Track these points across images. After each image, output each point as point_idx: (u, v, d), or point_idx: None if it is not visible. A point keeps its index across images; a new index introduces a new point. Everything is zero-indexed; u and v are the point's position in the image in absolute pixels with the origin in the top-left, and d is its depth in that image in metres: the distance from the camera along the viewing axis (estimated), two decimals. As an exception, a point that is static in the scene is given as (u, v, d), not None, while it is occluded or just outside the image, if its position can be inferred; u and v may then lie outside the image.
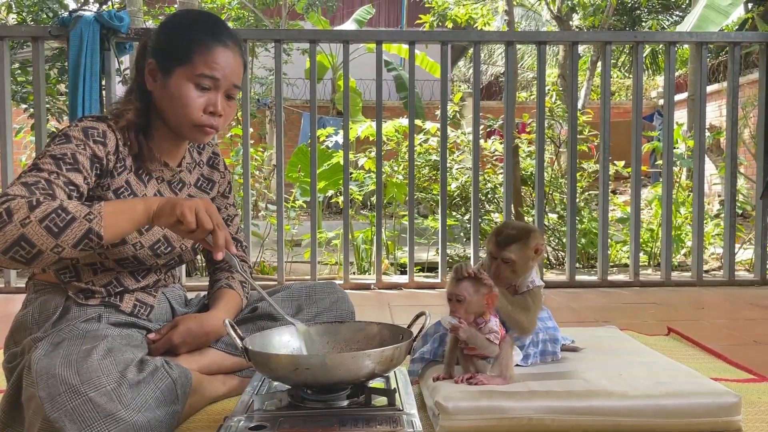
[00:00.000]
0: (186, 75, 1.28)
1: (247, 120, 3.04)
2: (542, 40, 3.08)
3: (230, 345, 1.41)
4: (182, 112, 1.29)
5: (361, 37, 3.49)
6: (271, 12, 11.30)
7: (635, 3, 12.74)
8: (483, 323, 1.28)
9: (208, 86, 1.29)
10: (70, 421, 1.04)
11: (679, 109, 9.00)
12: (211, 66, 1.28)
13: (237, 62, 1.33)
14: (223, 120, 1.33)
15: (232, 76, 1.31)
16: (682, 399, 1.21)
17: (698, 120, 3.06)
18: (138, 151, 1.33)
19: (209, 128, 1.32)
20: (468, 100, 7.89)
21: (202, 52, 1.28)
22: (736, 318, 2.35)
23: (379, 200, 3.08)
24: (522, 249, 1.36)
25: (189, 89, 1.29)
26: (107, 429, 1.05)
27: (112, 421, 1.05)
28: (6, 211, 1.07)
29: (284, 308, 1.50)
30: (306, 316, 1.51)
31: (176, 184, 1.41)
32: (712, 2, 6.14)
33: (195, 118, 1.29)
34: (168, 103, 1.30)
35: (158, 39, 1.34)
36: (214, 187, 1.51)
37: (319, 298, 1.56)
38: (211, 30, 1.31)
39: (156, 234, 1.33)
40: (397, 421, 1.09)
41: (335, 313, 1.56)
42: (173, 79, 1.29)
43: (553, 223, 4.06)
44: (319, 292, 1.58)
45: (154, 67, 1.31)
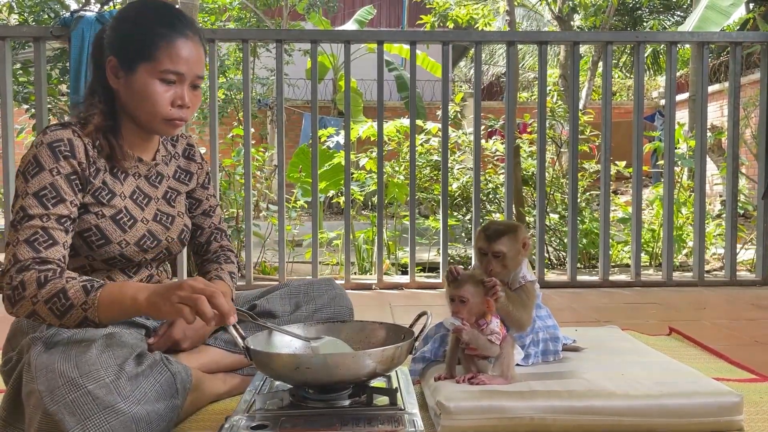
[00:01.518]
0: (150, 71, 1.27)
1: (249, 120, 3.04)
2: (543, 41, 3.08)
3: (229, 342, 1.41)
4: (151, 109, 1.28)
5: (363, 37, 3.49)
6: (272, 13, 11.31)
7: (636, 3, 12.74)
8: (485, 324, 1.28)
9: (174, 80, 1.28)
10: (69, 413, 1.05)
11: (681, 109, 9.00)
12: (175, 60, 1.27)
13: (199, 52, 1.32)
14: (191, 111, 1.33)
15: (195, 68, 1.31)
16: (684, 399, 1.21)
17: (699, 120, 3.06)
18: (110, 152, 1.32)
19: (179, 121, 1.32)
20: (469, 100, 7.90)
21: (164, 47, 1.27)
22: (737, 318, 2.34)
23: (380, 200, 3.08)
24: (512, 242, 1.38)
25: (155, 85, 1.27)
26: (106, 421, 1.05)
27: (111, 412, 1.06)
28: (21, 284, 1.15)
29: (282, 305, 1.51)
30: (304, 313, 1.51)
31: (154, 177, 1.41)
32: (713, 3, 6.14)
33: (164, 113, 1.29)
34: (135, 101, 1.29)
35: (116, 35, 1.31)
36: (192, 178, 1.50)
37: (317, 295, 1.56)
38: (171, 22, 1.29)
39: (140, 230, 1.33)
40: (398, 420, 1.09)
41: (333, 309, 1.56)
42: (137, 76, 1.28)
43: (555, 224, 4.06)
44: (317, 289, 1.58)
45: (116, 64, 1.30)
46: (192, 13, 4.12)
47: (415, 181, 3.15)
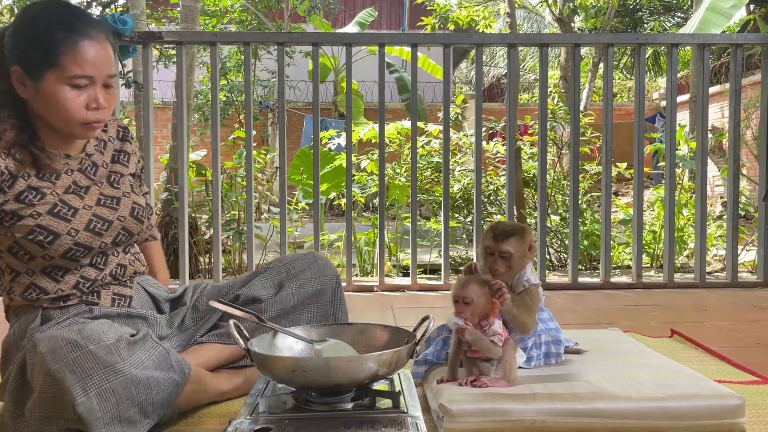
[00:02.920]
0: (58, 78, 1.23)
1: (250, 122, 3.05)
2: (544, 43, 3.09)
3: (223, 335, 1.41)
4: (65, 116, 1.26)
5: (364, 39, 3.50)
6: (274, 15, 11.32)
7: (637, 5, 12.74)
8: (487, 325, 1.28)
9: (84, 84, 1.25)
10: (70, 371, 1.07)
11: (682, 110, 9.00)
12: (82, 65, 1.24)
13: (106, 52, 1.28)
14: (108, 110, 1.31)
15: (105, 68, 1.27)
16: (686, 401, 1.21)
17: (700, 121, 3.06)
18: (33, 161, 1.29)
19: (96, 123, 1.29)
20: (470, 102, 7.90)
21: (69, 53, 1.23)
22: (739, 320, 2.34)
23: (381, 202, 3.08)
24: (519, 243, 1.39)
25: (65, 92, 1.24)
26: (107, 379, 1.08)
27: (111, 372, 1.09)
28: None
29: (265, 289, 1.49)
30: (289, 291, 1.50)
31: (89, 169, 1.38)
32: (714, 4, 6.14)
33: (80, 118, 1.26)
34: (47, 109, 1.26)
35: (17, 43, 1.26)
36: (130, 158, 1.48)
37: (299, 272, 1.52)
38: (72, 25, 1.25)
39: (84, 216, 1.31)
40: (401, 423, 1.09)
41: (318, 282, 1.53)
42: (46, 85, 1.24)
43: (556, 225, 4.06)
44: (299, 266, 1.54)
45: (21, 73, 1.25)
46: (193, 15, 4.13)
47: (417, 182, 3.16)
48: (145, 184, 1.58)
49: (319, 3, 10.36)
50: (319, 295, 1.53)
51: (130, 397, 1.11)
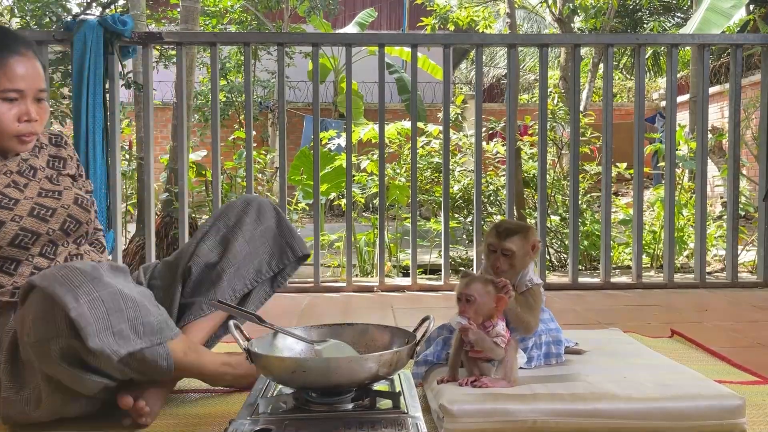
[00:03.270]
0: None
1: (250, 123, 3.05)
2: (544, 43, 3.09)
3: (197, 310, 1.44)
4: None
5: (364, 40, 3.50)
6: (274, 16, 11.32)
7: (637, 5, 12.75)
8: (491, 326, 1.28)
9: (15, 98, 1.31)
10: (59, 284, 1.12)
11: (681, 110, 9.00)
12: (12, 79, 1.30)
13: (35, 68, 1.34)
14: (40, 123, 1.36)
15: (35, 83, 1.33)
16: (687, 402, 1.21)
17: (700, 122, 3.06)
18: None
19: (28, 135, 1.34)
20: (470, 102, 7.90)
21: (1, 68, 1.29)
22: (739, 320, 2.34)
23: (381, 203, 3.08)
24: (522, 241, 1.40)
25: None
26: (95, 289, 1.13)
27: (99, 283, 1.14)
28: None
29: (213, 250, 1.48)
30: (237, 244, 1.48)
31: (27, 171, 1.42)
32: (714, 4, 6.14)
33: (12, 130, 1.32)
34: None
35: None
36: (66, 164, 1.51)
37: (239, 221, 1.51)
38: (2, 42, 1.31)
39: (26, 205, 1.34)
40: (402, 424, 1.09)
41: (260, 222, 1.51)
42: None
43: (556, 225, 4.06)
44: (235, 215, 1.51)
45: None
46: (193, 16, 4.13)
47: (417, 183, 3.16)
48: (89, 184, 1.60)
49: (318, 3, 10.35)
50: (267, 234, 1.52)
51: (119, 309, 1.15)
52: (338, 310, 2.65)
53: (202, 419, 1.30)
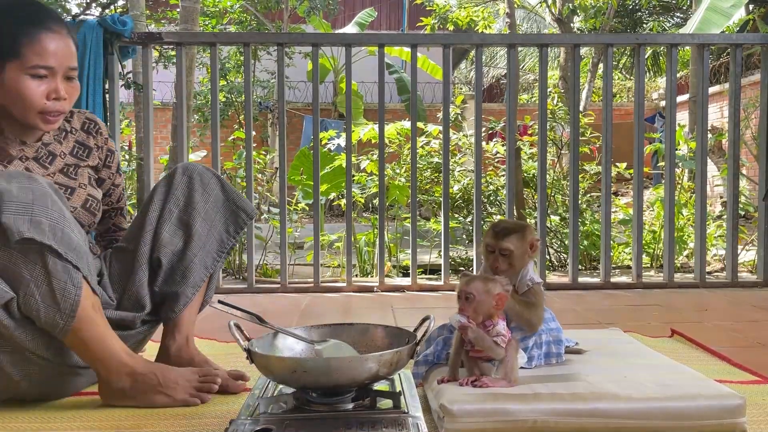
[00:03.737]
0: (19, 68, 1.28)
1: (250, 123, 3.05)
2: (544, 43, 3.09)
3: (186, 295, 1.45)
4: (25, 105, 1.29)
5: (363, 40, 3.50)
6: (273, 16, 11.32)
7: (636, 5, 12.75)
8: (491, 326, 1.28)
9: (45, 74, 1.29)
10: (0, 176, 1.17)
11: (681, 110, 9.00)
12: (42, 56, 1.28)
13: (68, 45, 1.32)
14: (68, 102, 1.34)
15: (66, 60, 1.31)
16: (687, 401, 1.21)
17: (700, 121, 3.06)
18: None
19: (55, 114, 1.33)
20: (470, 102, 7.90)
21: (30, 44, 1.27)
22: (739, 320, 2.34)
23: (381, 203, 3.08)
24: (520, 240, 1.40)
25: (26, 81, 1.28)
26: (29, 183, 1.16)
27: (34, 181, 1.18)
28: None
29: (175, 235, 1.46)
30: (197, 225, 1.47)
31: (45, 158, 1.41)
32: (713, 4, 6.14)
33: (39, 107, 1.30)
34: (7, 98, 1.31)
35: None
36: (90, 154, 1.49)
37: (189, 199, 1.48)
38: (34, 17, 1.30)
39: None
40: (402, 424, 1.09)
41: (210, 197, 1.50)
42: (7, 75, 1.29)
43: (556, 225, 4.06)
44: (182, 191, 1.49)
45: None
46: (193, 16, 4.13)
47: (416, 183, 3.16)
48: (120, 176, 1.60)
49: (318, 4, 10.36)
50: (218, 204, 1.52)
51: (45, 206, 1.15)
52: (338, 310, 2.65)
53: (202, 419, 1.30)
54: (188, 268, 1.46)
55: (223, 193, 1.53)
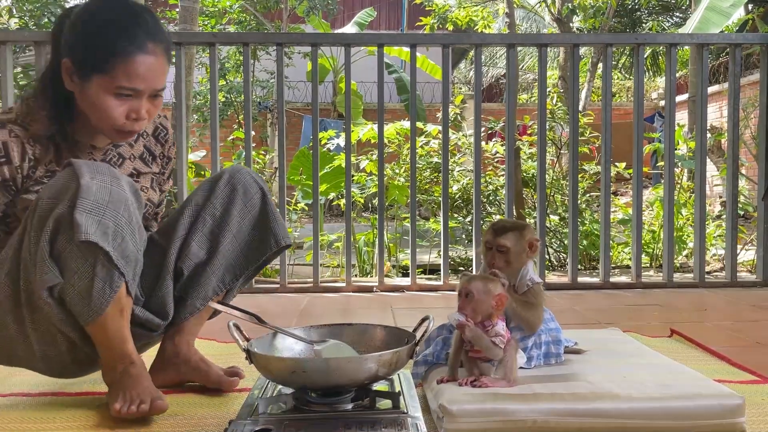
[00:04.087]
0: (104, 85, 1.23)
1: (249, 123, 3.04)
2: (543, 43, 3.09)
3: (194, 305, 1.44)
4: (102, 118, 1.26)
5: (363, 40, 3.50)
6: (272, 16, 11.32)
7: (636, 5, 12.76)
8: (490, 326, 1.28)
9: (129, 95, 1.25)
10: (86, 166, 1.19)
11: (680, 110, 9.00)
12: (132, 78, 1.23)
13: (160, 65, 1.26)
14: (147, 121, 1.30)
15: (154, 83, 1.26)
16: (687, 401, 1.21)
17: (699, 121, 3.06)
18: (55, 152, 1.30)
19: (131, 132, 1.30)
20: (469, 102, 7.90)
21: (122, 64, 1.22)
22: (738, 319, 2.35)
23: (380, 203, 3.08)
24: (517, 239, 1.41)
25: (108, 98, 1.24)
26: (110, 182, 1.18)
27: (116, 181, 1.20)
28: None
29: (202, 247, 1.43)
30: (225, 241, 1.43)
31: (115, 160, 1.39)
32: (713, 4, 6.15)
33: (117, 125, 1.27)
34: (87, 108, 1.27)
35: (73, 39, 1.26)
36: (154, 161, 1.47)
37: (225, 213, 1.43)
38: (131, 33, 1.23)
39: None
40: (401, 424, 1.09)
41: (246, 212, 1.45)
42: (91, 86, 1.24)
43: (555, 225, 4.06)
44: (221, 204, 1.43)
45: (70, 67, 1.25)
46: (192, 16, 4.13)
47: (416, 183, 3.15)
48: (168, 182, 1.57)
49: (317, 3, 10.36)
50: (252, 221, 1.46)
51: (116, 210, 1.17)
52: (338, 310, 2.65)
53: (201, 419, 1.30)
54: (203, 281, 1.44)
55: (261, 212, 1.46)
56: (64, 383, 1.51)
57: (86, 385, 1.49)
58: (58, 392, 1.45)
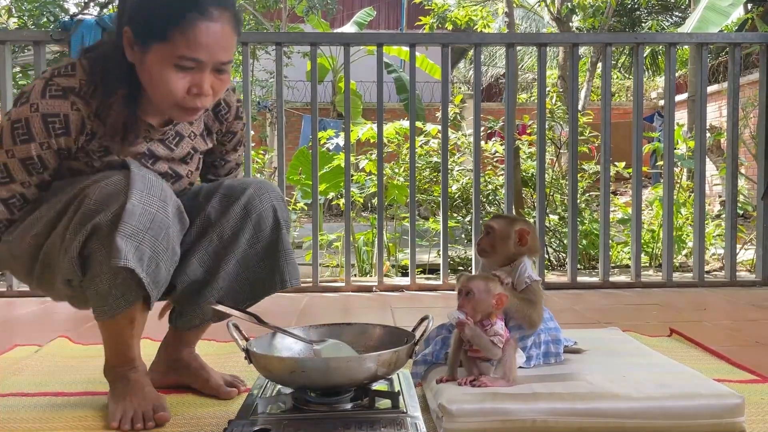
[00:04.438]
0: (164, 55, 1.13)
1: (248, 123, 3.04)
2: (543, 42, 3.09)
3: (190, 319, 1.42)
4: (162, 93, 1.17)
5: (362, 39, 3.49)
6: (272, 15, 11.32)
7: (635, 4, 12.76)
8: (489, 325, 1.28)
9: (192, 66, 1.14)
10: (140, 180, 1.16)
11: (680, 109, 9.01)
12: (193, 47, 1.12)
13: (226, 35, 1.15)
14: (212, 98, 1.20)
15: (219, 54, 1.15)
16: (686, 401, 1.21)
17: (699, 121, 3.06)
18: (123, 133, 1.24)
19: (194, 110, 1.20)
20: (468, 101, 7.91)
21: (182, 30, 1.11)
22: (738, 319, 2.35)
23: (380, 202, 3.08)
24: (505, 225, 1.43)
25: (168, 70, 1.14)
26: (156, 207, 1.17)
27: (163, 206, 1.19)
28: None
29: (202, 264, 1.34)
30: (228, 267, 1.33)
31: (171, 139, 1.33)
32: (712, 3, 6.15)
33: (177, 101, 1.17)
34: (147, 81, 1.18)
35: (135, 5, 1.17)
36: (210, 136, 1.40)
37: (233, 238, 1.33)
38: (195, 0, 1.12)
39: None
40: (401, 423, 1.09)
41: (258, 246, 1.34)
42: (151, 56, 1.15)
43: (554, 225, 4.06)
44: (230, 231, 1.33)
45: (131, 36, 1.16)
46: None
47: (415, 182, 3.15)
48: (240, 156, 1.52)
49: (317, 3, 10.36)
50: (260, 254, 1.35)
51: (156, 237, 1.17)
52: (337, 310, 2.65)
53: (201, 419, 1.30)
54: (201, 301, 1.36)
55: (270, 246, 1.35)
56: (64, 383, 1.51)
57: (86, 385, 1.48)
58: (58, 392, 1.45)
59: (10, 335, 2.13)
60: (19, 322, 2.36)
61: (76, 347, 1.86)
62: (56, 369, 1.64)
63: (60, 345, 1.85)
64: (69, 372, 1.61)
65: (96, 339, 1.42)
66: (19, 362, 1.68)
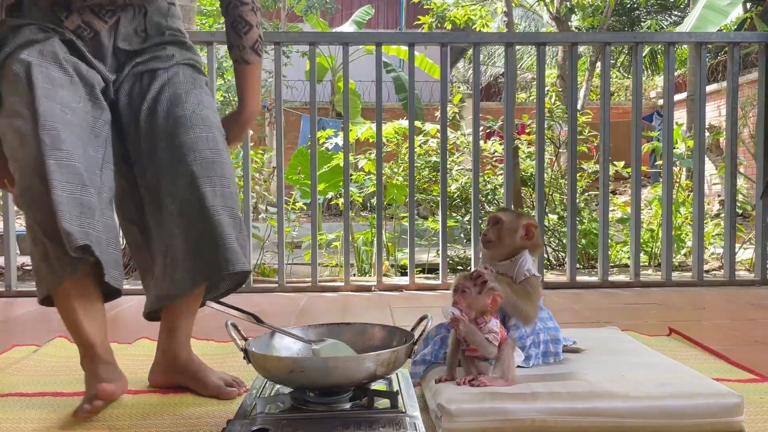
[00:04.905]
0: None
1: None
2: (542, 42, 3.09)
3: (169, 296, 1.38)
4: None
5: (361, 39, 3.49)
6: (270, 14, 11.31)
7: (634, 3, 12.77)
8: (483, 323, 1.28)
9: None
10: None
11: (679, 109, 9.01)
12: None
13: None
14: None
15: None
16: (685, 400, 1.21)
17: (698, 120, 3.06)
18: None
19: None
20: (467, 101, 7.90)
21: None
22: (737, 318, 2.35)
23: (379, 202, 3.08)
24: (512, 217, 1.44)
25: None
26: None
27: None
28: None
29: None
30: None
31: None
32: (711, 2, 6.16)
33: None
34: None
35: None
36: None
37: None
38: None
39: None
40: (400, 423, 1.09)
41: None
42: None
43: (554, 224, 4.06)
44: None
45: None
46: (190, 14, 4.12)
47: (414, 182, 3.15)
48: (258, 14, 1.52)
49: (315, 2, 10.35)
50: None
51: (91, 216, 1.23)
52: (336, 309, 2.65)
53: (200, 419, 1.29)
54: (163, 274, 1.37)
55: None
56: (63, 383, 1.50)
57: (84, 385, 1.48)
58: (56, 392, 1.45)
59: (8, 335, 2.12)
60: (17, 322, 2.36)
61: (75, 347, 1.85)
62: (55, 369, 1.64)
63: (58, 345, 1.85)
64: (67, 372, 1.60)
65: (94, 339, 1.41)
66: (17, 362, 1.68)
